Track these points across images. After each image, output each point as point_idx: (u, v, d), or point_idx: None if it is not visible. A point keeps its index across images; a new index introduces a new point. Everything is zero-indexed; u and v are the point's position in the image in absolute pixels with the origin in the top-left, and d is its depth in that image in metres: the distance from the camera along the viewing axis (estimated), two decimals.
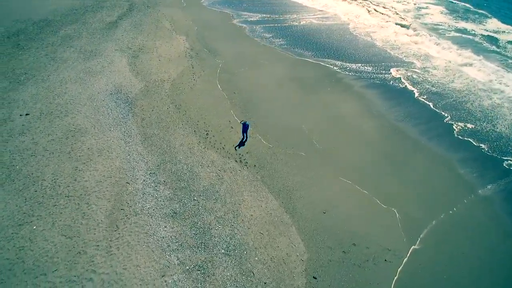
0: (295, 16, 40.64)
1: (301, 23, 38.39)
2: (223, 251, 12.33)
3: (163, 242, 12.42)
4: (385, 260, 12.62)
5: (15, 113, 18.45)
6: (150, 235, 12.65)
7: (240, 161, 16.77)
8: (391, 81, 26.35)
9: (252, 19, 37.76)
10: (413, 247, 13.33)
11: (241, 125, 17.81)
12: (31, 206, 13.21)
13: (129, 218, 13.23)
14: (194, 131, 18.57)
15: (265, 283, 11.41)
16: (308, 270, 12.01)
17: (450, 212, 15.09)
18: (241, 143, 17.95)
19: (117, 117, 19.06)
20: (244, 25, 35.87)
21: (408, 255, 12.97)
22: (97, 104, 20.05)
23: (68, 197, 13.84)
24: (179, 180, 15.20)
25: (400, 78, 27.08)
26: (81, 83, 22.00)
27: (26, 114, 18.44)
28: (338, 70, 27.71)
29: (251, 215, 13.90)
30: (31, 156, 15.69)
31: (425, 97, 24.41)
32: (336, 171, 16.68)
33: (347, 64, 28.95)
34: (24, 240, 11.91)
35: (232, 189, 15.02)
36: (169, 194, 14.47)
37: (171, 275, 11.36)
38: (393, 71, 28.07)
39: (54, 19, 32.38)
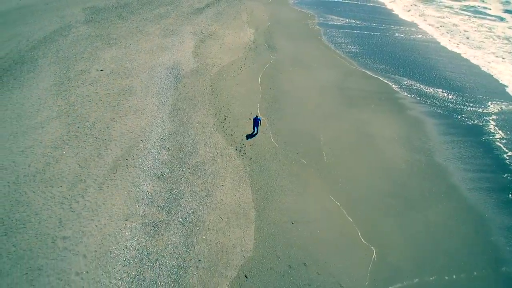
0: (383, 26, 37.54)
1: (386, 33, 35.28)
2: (180, 219, 13.51)
3: (141, 195, 14.39)
4: None
5: (94, 67, 23.53)
6: (135, 186, 14.81)
7: (240, 150, 17.46)
8: (471, 116, 22.18)
9: (332, 23, 36.75)
10: None
11: (253, 119, 18.34)
12: (69, 137, 17.10)
13: (127, 168, 15.72)
14: (215, 113, 20.07)
15: (199, 261, 12.10)
16: (244, 267, 12.09)
17: (445, 278, 12.50)
18: (250, 135, 18.53)
19: (162, 88, 22.14)
20: (320, 28, 35.29)
21: None
22: (153, 74, 23.65)
23: (96, 138, 17.28)
24: (179, 151, 16.99)
25: (491, 114, 22.57)
26: (150, 55, 26.18)
27: (101, 70, 23.32)
28: (398, 90, 24.87)
29: (222, 199, 14.59)
30: (88, 102, 19.99)
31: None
32: (329, 189, 15.66)
33: (416, 85, 25.70)
34: (52, 159, 15.67)
35: (218, 172, 15.95)
36: (166, 159, 16.42)
37: (132, 221, 13.21)
38: (491, 105, 23.57)
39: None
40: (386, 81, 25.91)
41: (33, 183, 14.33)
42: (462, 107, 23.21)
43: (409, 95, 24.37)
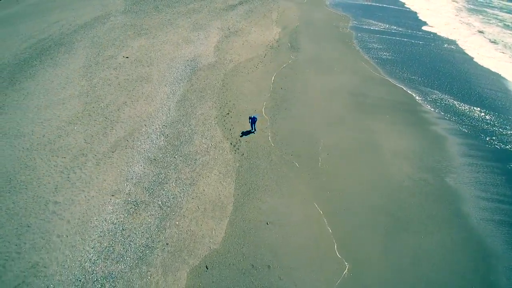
0: (420, 33, 34.87)
1: (422, 42, 32.73)
2: (160, 202, 14.10)
3: (131, 174, 15.30)
4: None
5: (121, 54, 25.36)
6: (128, 165, 15.78)
7: (234, 145, 17.62)
8: (501, 139, 19.80)
9: (367, 27, 35.03)
10: None
11: (249, 118, 18.25)
12: (83, 115, 18.72)
13: (126, 148, 16.79)
14: (220, 107, 20.45)
15: (167, 244, 12.55)
16: (207, 258, 12.26)
17: None
18: (247, 133, 18.55)
19: (177, 78, 23.13)
20: (353, 31, 33.85)
21: None
22: (172, 65, 24.79)
23: (106, 118, 18.70)
24: (176, 139, 17.67)
25: None
26: (175, 47, 27.44)
27: (126, 57, 25.06)
28: (421, 102, 23.01)
29: (204, 190, 14.90)
30: (108, 85, 21.65)
31: None
32: (315, 195, 15.13)
33: (443, 99, 23.57)
34: (64, 132, 17.32)
35: (207, 163, 16.29)
36: (162, 145, 17.20)
37: (117, 197, 14.12)
38: None
39: None
40: (410, 92, 24.08)
41: (43, 151, 16.01)
42: (492, 128, 20.72)
43: (433, 109, 22.40)
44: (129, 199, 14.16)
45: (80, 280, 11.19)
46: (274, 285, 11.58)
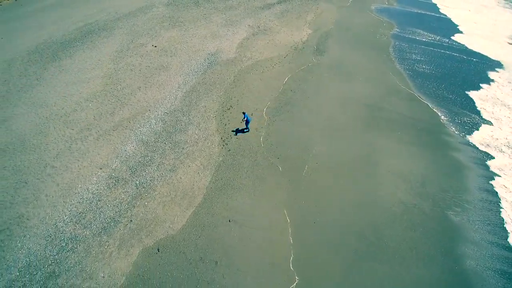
0: (466, 49, 30.87)
1: (466, 58, 28.99)
2: (137, 182, 15.08)
3: (122, 153, 16.58)
4: None
5: (151, 43, 27.28)
6: (122, 144, 17.13)
7: (224, 140, 17.88)
8: None
9: (410, 36, 32.18)
10: None
11: (244, 116, 18.25)
12: (100, 94, 20.71)
13: (125, 129, 18.20)
14: (223, 102, 20.85)
15: (130, 221, 13.43)
16: (161, 241, 12.82)
17: None
18: (240, 131, 18.62)
19: (193, 70, 24.13)
20: (393, 39, 31.42)
21: None
22: (193, 57, 25.91)
23: (118, 99, 20.45)
24: (172, 126, 18.58)
25: None
26: (201, 40, 28.58)
27: (154, 46, 26.90)
28: (446, 123, 20.68)
29: (181, 178, 15.50)
30: (130, 70, 23.55)
31: None
32: (288, 203, 14.69)
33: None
34: (79, 108, 19.42)
35: (192, 153, 16.86)
36: (157, 130, 18.25)
37: (103, 171, 15.48)
38: None
39: None
40: (436, 110, 21.65)
41: (58, 121, 18.22)
42: None
43: (458, 133, 19.89)
44: (113, 174, 15.42)
45: (50, 236, 12.64)
46: (215, 281, 11.67)
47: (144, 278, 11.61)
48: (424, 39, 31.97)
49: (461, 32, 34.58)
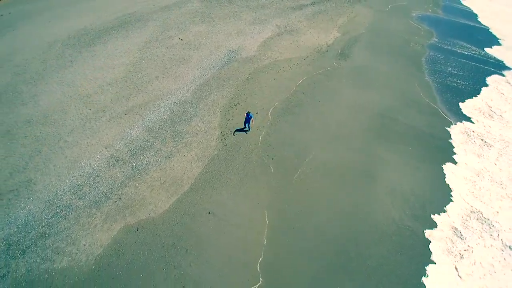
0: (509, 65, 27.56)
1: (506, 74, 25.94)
2: (134, 164, 16.05)
3: (127, 136, 17.75)
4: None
5: (178, 36, 28.55)
6: (129, 128, 18.30)
7: (223, 135, 18.22)
8: None
9: (450, 48, 29.78)
10: None
11: (245, 114, 18.35)
12: (121, 80, 22.28)
13: (135, 114, 19.39)
14: (232, 97, 21.20)
15: (120, 199, 14.37)
16: (142, 222, 13.53)
17: None
18: (240, 130, 18.75)
19: (211, 64, 24.83)
20: (428, 49, 29.28)
21: None
22: (214, 52, 26.62)
23: (135, 86, 21.82)
24: (178, 116, 19.38)
25: None
26: (226, 36, 29.22)
27: (181, 39, 28.13)
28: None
29: (174, 165, 16.17)
30: (153, 60, 24.96)
31: None
32: (271, 205, 14.61)
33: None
34: (100, 91, 21.10)
35: (190, 144, 17.46)
36: (164, 118, 19.17)
37: (107, 150, 16.73)
38: None
39: None
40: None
41: (79, 101, 20.03)
42: None
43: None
44: (115, 154, 16.60)
45: (49, 201, 14.06)
46: (181, 267, 12.08)
47: (118, 253, 12.41)
48: (464, 52, 29.26)
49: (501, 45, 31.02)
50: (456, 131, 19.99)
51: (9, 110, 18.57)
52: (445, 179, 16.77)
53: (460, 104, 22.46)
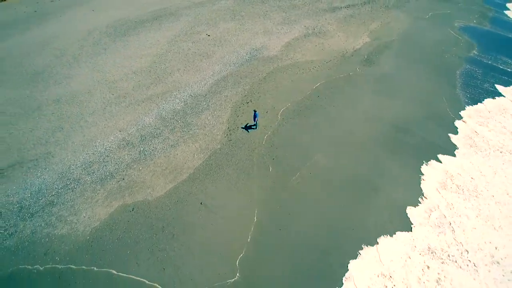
0: None
1: None
2: (142, 149, 17.01)
3: (140, 122, 18.84)
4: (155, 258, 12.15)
5: (206, 32, 29.46)
6: (144, 115, 19.40)
7: (230, 130, 18.56)
8: None
9: (491, 63, 27.21)
10: None
11: (253, 111, 18.49)
12: (146, 70, 23.58)
13: (152, 102, 20.46)
14: (245, 95, 21.46)
15: (123, 179, 15.37)
16: (138, 203, 14.34)
17: None
18: (248, 127, 18.94)
19: (231, 61, 25.31)
20: (464, 63, 27.03)
21: None
22: (237, 49, 27.06)
23: (157, 77, 22.97)
24: (190, 108, 20.10)
25: None
26: (252, 35, 29.54)
27: (208, 35, 28.99)
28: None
29: (177, 154, 16.86)
30: (178, 53, 26.05)
31: None
32: (262, 204, 14.67)
33: None
34: (125, 78, 22.54)
35: (196, 136, 18.05)
36: (177, 108, 20.01)
37: (121, 134, 17.92)
38: None
39: None
40: None
41: (104, 86, 21.63)
42: None
43: None
44: (126, 138, 17.74)
45: (62, 174, 15.48)
46: (165, 251, 12.64)
47: (112, 228, 13.32)
48: (508, 69, 26.52)
49: None
50: None
51: (43, 88, 20.68)
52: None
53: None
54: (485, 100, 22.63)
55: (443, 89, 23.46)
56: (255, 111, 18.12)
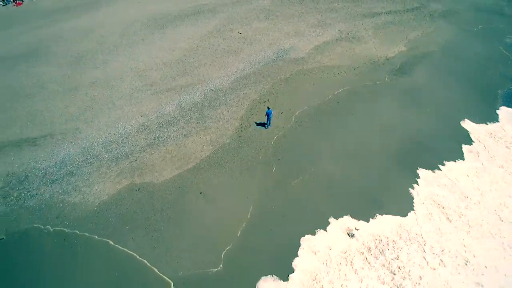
0: None
1: None
2: (157, 135, 18.13)
3: (161, 110, 20.04)
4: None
5: (238, 30, 30.13)
6: (166, 104, 20.58)
7: (241, 126, 18.98)
8: None
9: None
10: None
11: (266, 108, 18.66)
12: (176, 62, 24.89)
13: (175, 93, 21.60)
14: (264, 94, 21.70)
15: (135, 160, 16.55)
16: (144, 184, 15.38)
17: None
18: (261, 124, 19.18)
19: (257, 60, 25.66)
20: (509, 83, 24.43)
21: None
22: (265, 49, 27.32)
23: (185, 69, 24.13)
24: (209, 101, 20.87)
25: None
26: (283, 35, 29.58)
27: (240, 33, 29.65)
28: None
29: (187, 144, 17.70)
30: (208, 48, 27.05)
31: None
32: (259, 202, 14.94)
33: None
34: (155, 68, 24.01)
35: (209, 129, 18.74)
36: (196, 101, 20.90)
37: (142, 118, 19.27)
38: None
39: None
40: None
41: (135, 75, 23.29)
42: None
43: None
44: (146, 123, 19.02)
45: (85, 148, 17.13)
46: (159, 231, 13.46)
47: (117, 203, 14.49)
48: None
49: None
50: None
51: (82, 71, 22.90)
52: None
53: None
54: None
55: (477, 107, 21.52)
56: (268, 108, 18.36)
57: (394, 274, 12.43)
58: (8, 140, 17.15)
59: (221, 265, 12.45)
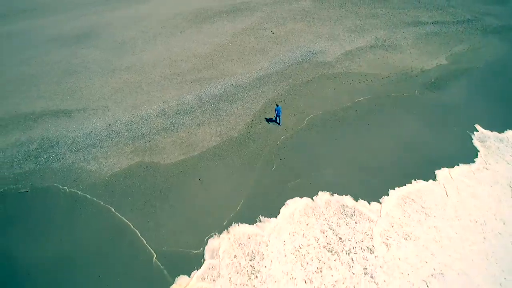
0: None
1: None
2: (173, 121, 19.53)
3: (182, 99, 21.45)
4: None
5: (272, 29, 30.53)
6: (187, 93, 21.96)
7: (252, 122, 19.54)
8: None
9: None
10: None
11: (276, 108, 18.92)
12: (204, 56, 26.23)
13: (195, 85, 22.88)
14: (282, 94, 21.97)
15: (149, 141, 18.12)
16: (152, 163, 16.81)
17: None
18: (273, 120, 19.55)
19: (283, 60, 25.89)
20: None
21: None
22: (293, 50, 27.40)
23: (212, 63, 25.36)
24: (227, 96, 21.76)
25: None
26: (315, 37, 29.32)
27: (272, 32, 30.07)
28: None
29: (198, 133, 18.83)
30: (238, 45, 27.94)
31: None
32: (251, 196, 15.44)
33: None
34: (181, 63, 25.59)
35: (221, 121, 19.65)
36: (214, 93, 21.94)
37: (163, 105, 20.86)
38: None
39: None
40: None
41: (167, 63, 25.09)
42: None
43: None
44: (166, 109, 20.56)
45: (109, 125, 19.17)
46: (155, 208, 14.73)
47: (125, 177, 16.11)
48: None
49: None
50: None
51: (121, 56, 25.34)
52: None
53: None
54: None
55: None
56: (277, 105, 18.66)
57: None
58: (48, 110, 19.92)
59: (201, 249, 13.25)
